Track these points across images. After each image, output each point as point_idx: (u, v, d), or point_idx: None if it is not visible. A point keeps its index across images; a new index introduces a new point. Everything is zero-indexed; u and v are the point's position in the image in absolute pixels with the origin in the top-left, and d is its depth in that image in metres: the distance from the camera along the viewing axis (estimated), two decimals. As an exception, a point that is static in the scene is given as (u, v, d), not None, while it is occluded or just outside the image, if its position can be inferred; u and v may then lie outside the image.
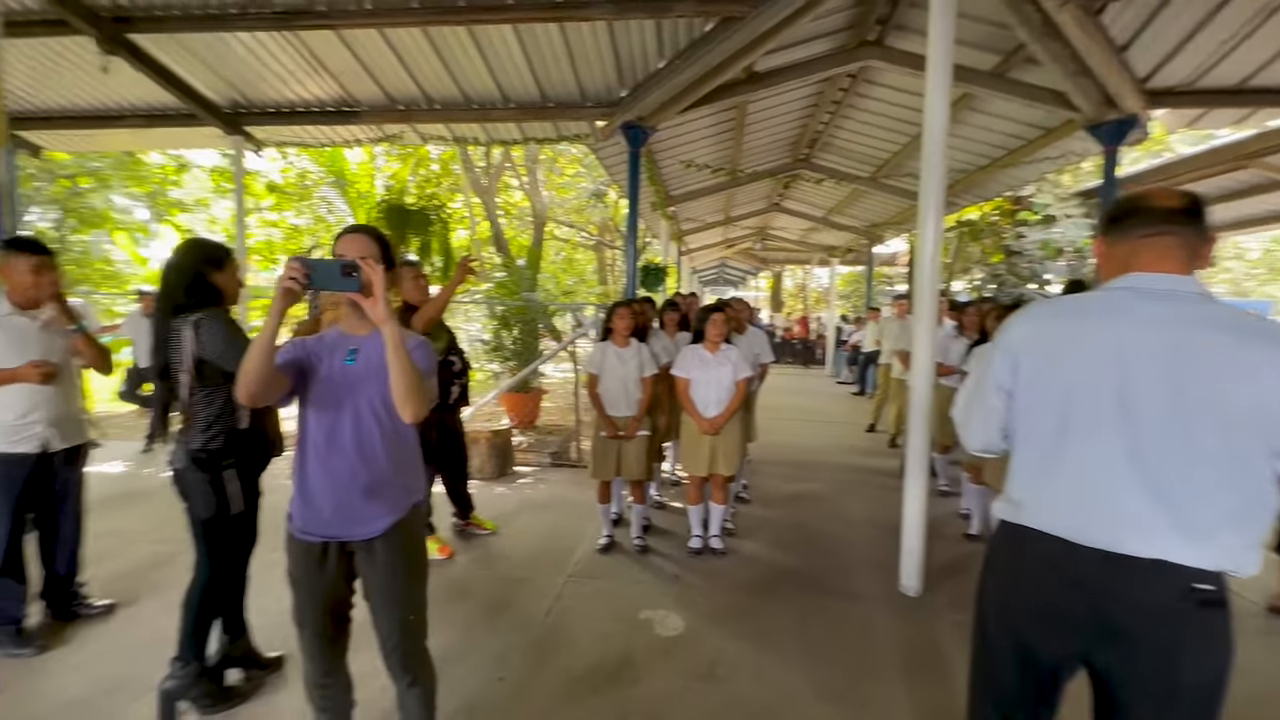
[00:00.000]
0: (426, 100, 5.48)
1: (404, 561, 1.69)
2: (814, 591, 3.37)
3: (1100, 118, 4.72)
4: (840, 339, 15.31)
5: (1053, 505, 1.21)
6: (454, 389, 3.72)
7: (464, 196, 10.68)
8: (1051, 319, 1.26)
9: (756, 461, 6.07)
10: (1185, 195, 1.20)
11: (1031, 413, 1.25)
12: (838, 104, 6.76)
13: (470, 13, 4.20)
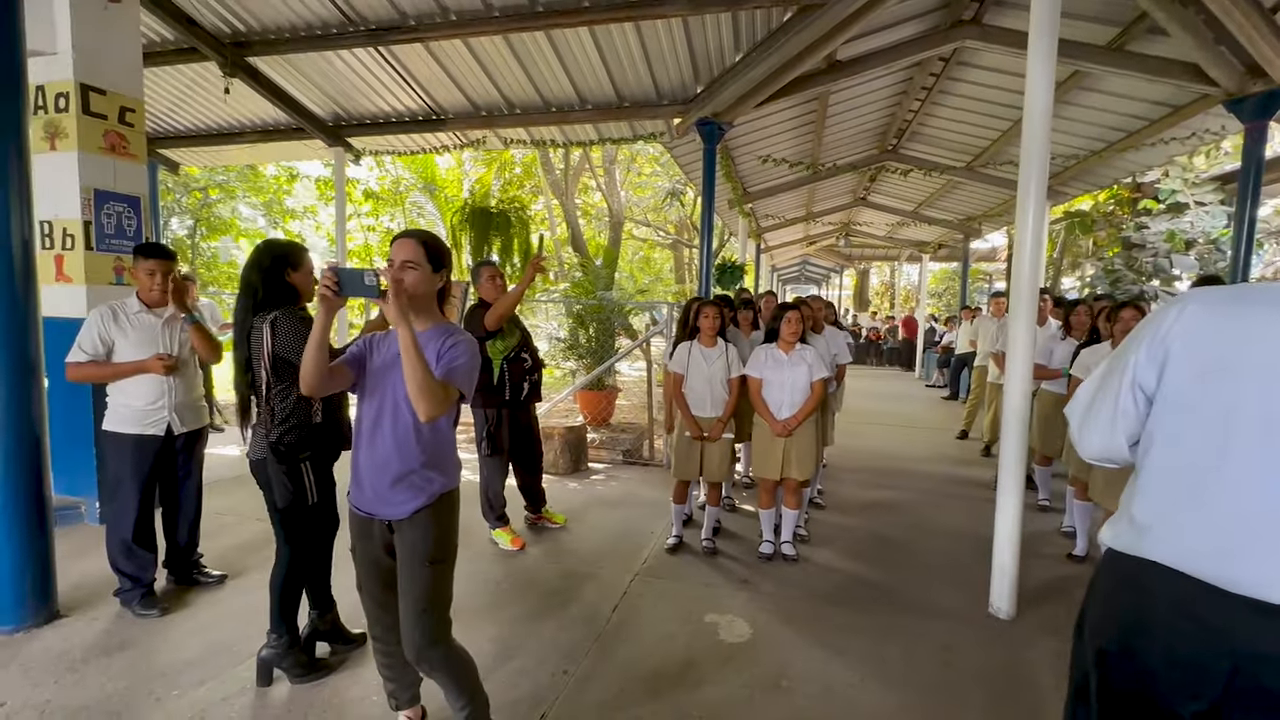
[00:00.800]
0: (507, 105, 5.66)
1: (423, 547, 1.76)
2: (892, 606, 3.18)
3: (1243, 90, 4.16)
4: (932, 340, 14.47)
5: (1196, 539, 1.00)
6: (525, 385, 3.82)
7: (544, 198, 11.00)
8: (1229, 305, 1.01)
9: (834, 467, 5.84)
10: None
11: (1180, 423, 1.03)
12: (929, 90, 6.36)
13: (547, 17, 4.29)
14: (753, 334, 4.66)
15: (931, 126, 7.47)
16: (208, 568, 3.22)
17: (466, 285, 5.80)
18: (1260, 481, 0.95)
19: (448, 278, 1.81)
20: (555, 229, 11.77)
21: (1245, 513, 0.96)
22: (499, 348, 3.74)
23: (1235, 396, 0.97)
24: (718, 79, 4.92)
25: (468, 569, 3.47)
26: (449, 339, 1.73)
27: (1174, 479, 1.04)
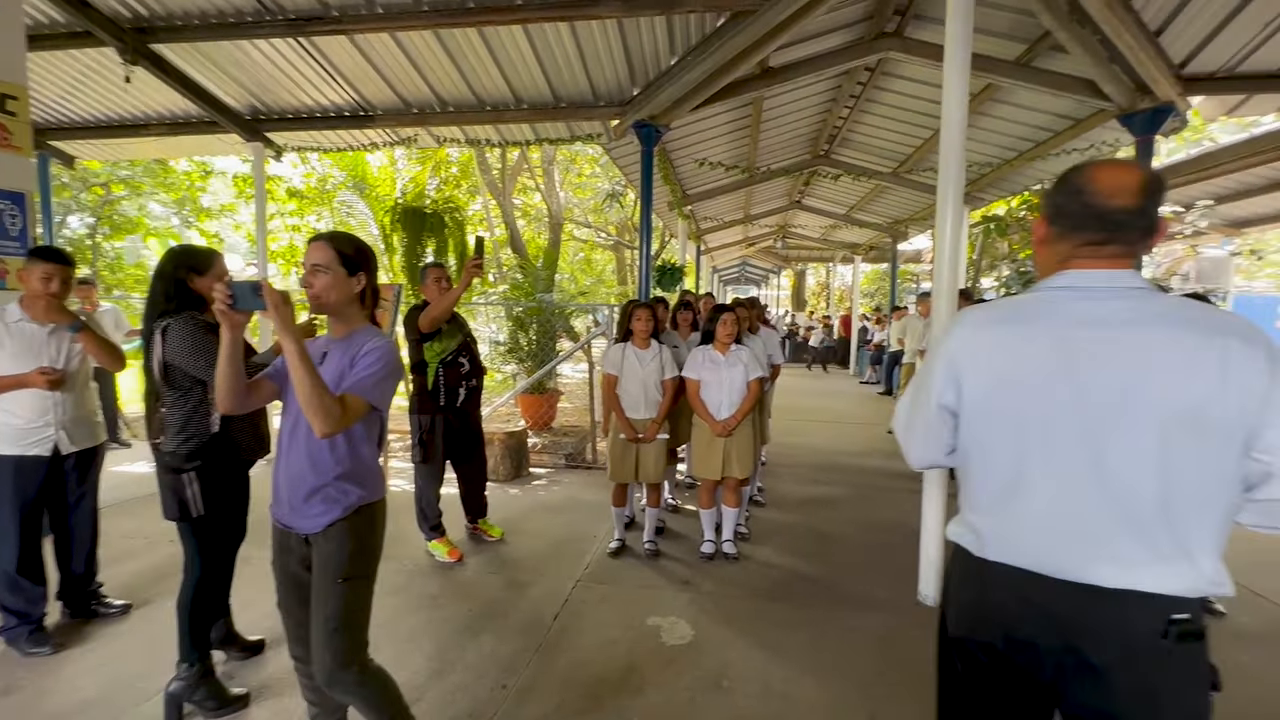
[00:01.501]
0: (440, 103, 5.49)
1: (336, 562, 1.68)
2: (829, 600, 3.27)
3: (1133, 106, 4.52)
4: (864, 338, 15.07)
5: (1016, 536, 1.10)
6: (461, 390, 3.71)
7: (482, 198, 10.75)
8: (992, 327, 1.12)
9: (773, 464, 5.97)
10: (1141, 185, 1.05)
11: (983, 434, 1.13)
12: (856, 98, 6.61)
13: (479, 14, 4.18)
14: (691, 335, 4.71)
15: (860, 133, 7.76)
16: (109, 598, 2.96)
17: (399, 288, 5.59)
18: (1056, 475, 1.05)
19: (369, 281, 1.73)
20: (493, 230, 11.53)
21: (1050, 507, 1.05)
22: (436, 350, 3.62)
23: (1020, 405, 1.07)
24: (654, 81, 4.94)
25: (401, 584, 3.34)
26: (365, 346, 1.65)
27: (990, 482, 1.13)
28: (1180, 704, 1.02)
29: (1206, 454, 0.97)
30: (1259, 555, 3.58)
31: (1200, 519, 0.99)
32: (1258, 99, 4.74)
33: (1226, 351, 0.96)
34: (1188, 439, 0.97)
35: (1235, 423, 0.96)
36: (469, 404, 3.77)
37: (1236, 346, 0.96)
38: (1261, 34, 3.98)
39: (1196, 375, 0.97)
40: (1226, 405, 0.95)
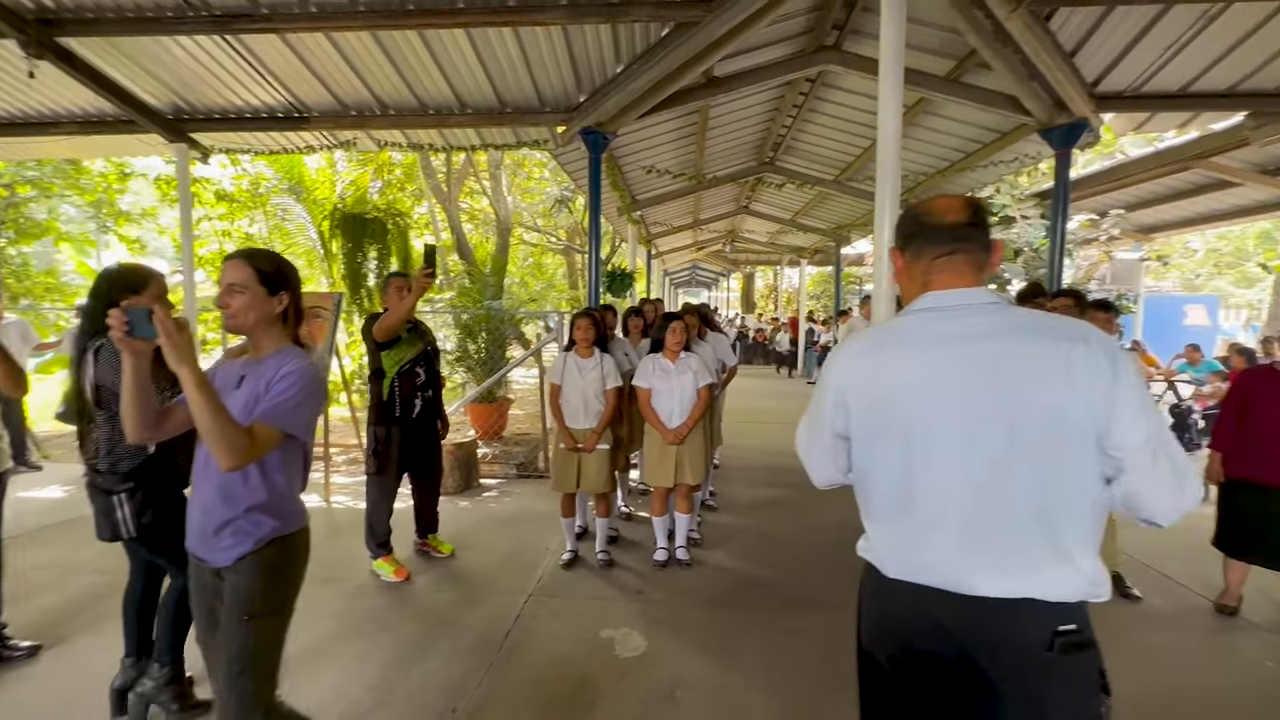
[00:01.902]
0: (380, 106, 5.33)
1: (244, 597, 1.59)
2: (780, 603, 3.33)
3: (1051, 121, 4.80)
4: (811, 340, 15.47)
5: (910, 552, 1.14)
6: (417, 401, 3.60)
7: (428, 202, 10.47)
8: (868, 354, 1.21)
9: (726, 468, 6.05)
10: (968, 206, 1.17)
11: (871, 455, 1.19)
12: (799, 108, 6.79)
13: (419, 15, 4.08)
14: (642, 341, 4.72)
15: (803, 141, 7.98)
16: (13, 639, 2.73)
17: (339, 297, 5.39)
18: (936, 493, 1.10)
19: (291, 300, 1.65)
20: (439, 235, 11.25)
21: (935, 522, 1.10)
22: (393, 359, 3.52)
23: (900, 426, 1.13)
24: (600, 89, 4.93)
25: (344, 606, 3.21)
26: (281, 370, 1.56)
27: (883, 500, 1.18)
28: (1069, 714, 1.06)
29: (1069, 456, 1.03)
30: (1171, 541, 3.85)
31: (1073, 521, 1.04)
32: (1160, 116, 5.13)
33: (1071, 357, 1.03)
34: (1050, 444, 1.03)
35: (1087, 423, 1.02)
36: (426, 415, 3.67)
37: (1080, 351, 1.03)
38: (1161, 58, 4.31)
39: (1048, 382, 1.03)
40: (1077, 407, 1.02)
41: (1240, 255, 20.58)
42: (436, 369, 3.75)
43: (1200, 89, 4.68)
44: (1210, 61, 4.34)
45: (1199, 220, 9.56)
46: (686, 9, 3.97)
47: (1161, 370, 8.14)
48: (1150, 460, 1.02)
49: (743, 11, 3.84)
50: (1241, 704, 2.51)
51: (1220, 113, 5.08)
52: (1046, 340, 1.06)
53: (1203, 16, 3.86)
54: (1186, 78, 4.56)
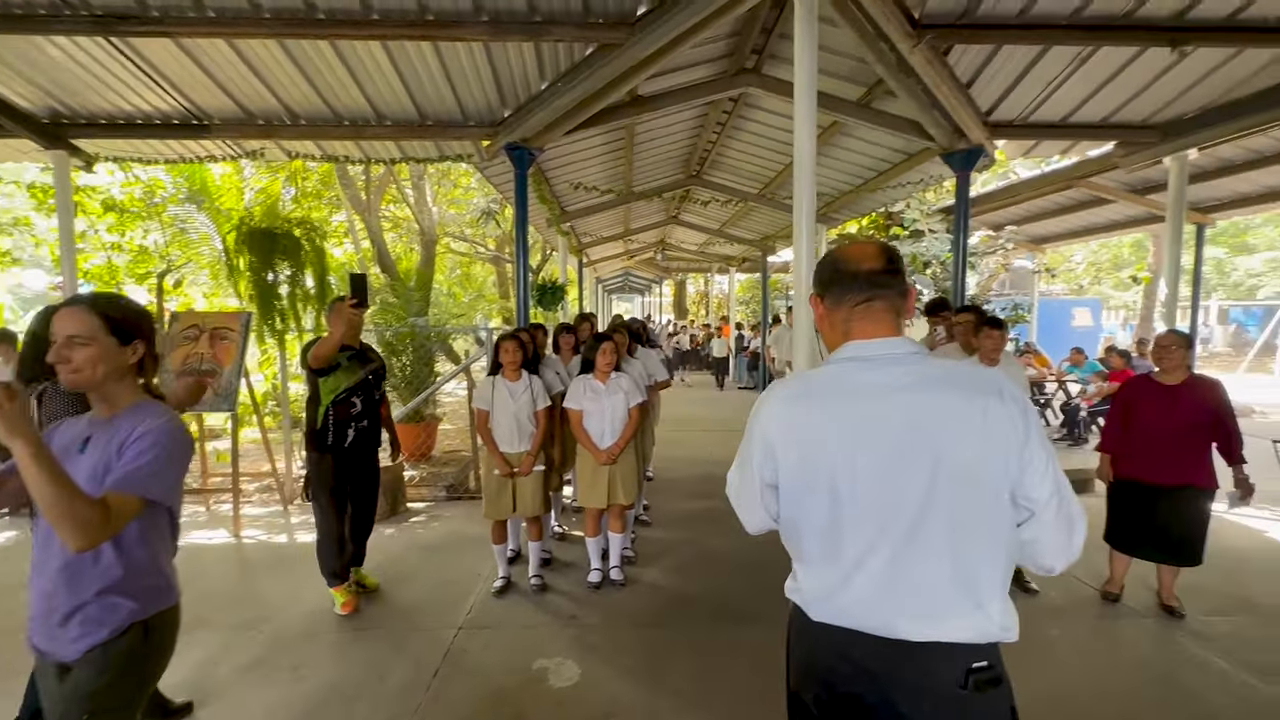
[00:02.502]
0: (290, 115, 5.05)
1: (85, 691, 1.38)
2: (712, 619, 3.38)
3: (952, 146, 5.16)
4: (741, 345, 15.88)
5: (835, 596, 1.17)
6: (350, 431, 3.43)
7: (346, 213, 9.97)
8: (795, 403, 1.22)
9: (659, 479, 6.11)
10: (883, 253, 1.22)
11: (799, 503, 1.21)
12: (723, 125, 6.96)
13: (331, 25, 3.90)
14: (573, 359, 4.70)
15: (728, 156, 8.18)
16: None
17: (248, 317, 5.07)
18: (860, 541, 1.14)
19: (147, 349, 1.48)
20: (359, 246, 10.75)
21: (859, 568, 1.14)
22: (329, 386, 3.37)
23: (827, 476, 1.16)
24: (524, 105, 4.88)
25: (258, 654, 3.01)
26: (136, 430, 1.39)
27: (810, 547, 1.21)
28: None
29: (984, 507, 1.10)
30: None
31: (986, 569, 1.11)
32: (1045, 143, 5.62)
33: (986, 412, 1.10)
34: (967, 495, 1.09)
35: (1001, 476, 1.10)
36: (361, 445, 3.50)
37: (994, 406, 1.10)
38: (1044, 92, 4.73)
39: (965, 435, 1.10)
40: (992, 460, 1.09)
41: (1117, 262, 22.82)
42: (377, 397, 3.58)
43: (1078, 120, 5.16)
44: (1085, 97, 4.80)
45: (1082, 232, 10.54)
46: (610, 30, 3.99)
47: (1053, 371, 8.88)
48: (1055, 511, 1.11)
49: (665, 36, 3.90)
50: (1124, 688, 2.77)
51: (1095, 141, 5.61)
52: (963, 395, 1.11)
53: (1076, 58, 4.26)
54: (1066, 110, 5.02)
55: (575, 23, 3.97)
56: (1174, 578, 3.41)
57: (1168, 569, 3.39)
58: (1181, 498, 3.19)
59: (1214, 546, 3.36)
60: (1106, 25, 3.92)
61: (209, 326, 4.95)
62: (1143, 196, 7.84)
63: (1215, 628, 3.25)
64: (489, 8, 3.85)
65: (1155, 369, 3.35)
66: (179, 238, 7.84)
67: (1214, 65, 4.37)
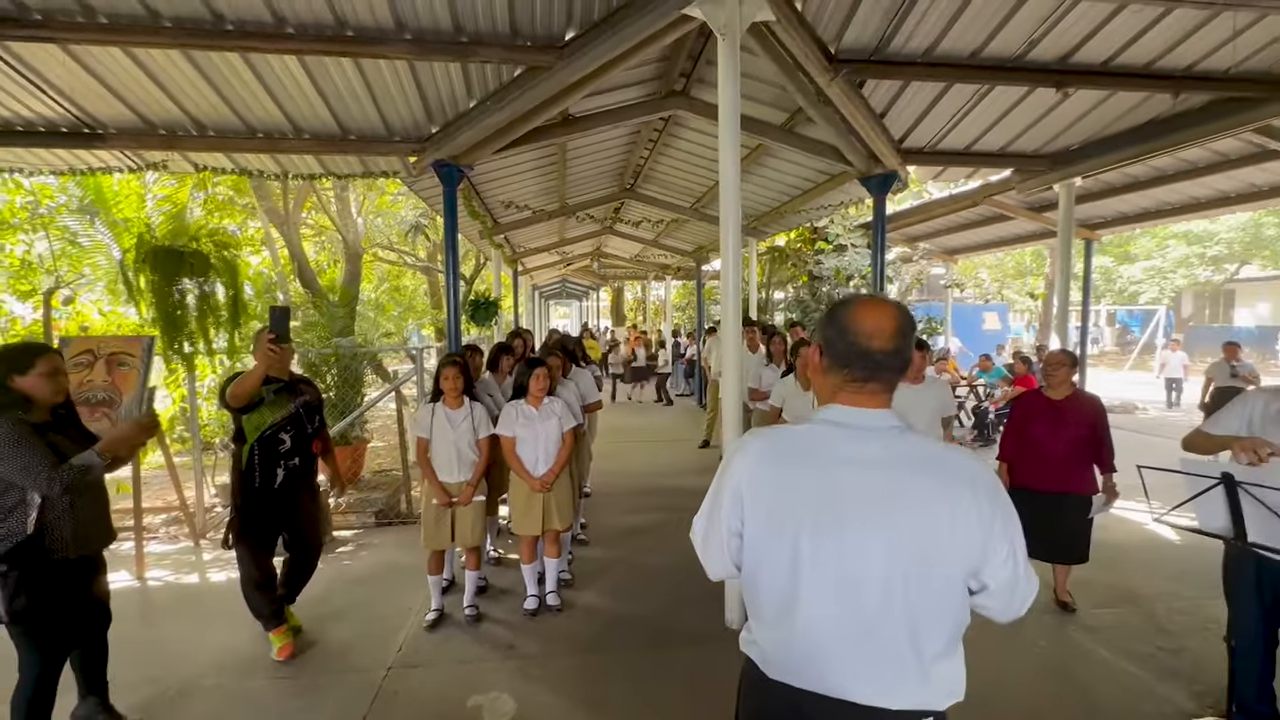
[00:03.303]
0: (196, 126, 4.75)
1: None
2: (648, 640, 3.42)
3: (869, 171, 5.46)
4: (678, 353, 16.08)
5: (790, 653, 1.20)
6: (279, 471, 3.20)
7: (263, 223, 9.39)
8: (771, 461, 1.23)
9: (597, 494, 6.11)
10: (897, 332, 1.19)
11: (762, 558, 1.22)
12: (654, 142, 7.07)
13: (240, 38, 3.70)
14: (505, 380, 4.65)
15: (661, 171, 8.30)
16: None
17: (150, 341, 4.73)
18: (819, 604, 1.16)
19: None
20: (277, 257, 10.17)
21: (817, 630, 1.17)
22: (253, 424, 3.13)
23: (792, 536, 1.17)
24: (452, 122, 4.79)
25: (162, 713, 2.80)
26: None
27: (769, 602, 1.23)
28: None
29: (943, 586, 1.15)
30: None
31: (940, 642, 1.16)
32: (952, 169, 6.03)
33: (957, 501, 1.14)
34: (928, 574, 1.14)
35: (963, 559, 1.15)
36: (292, 484, 3.26)
37: (965, 495, 1.13)
38: (948, 124, 5.08)
39: (932, 521, 1.13)
40: (955, 547, 1.14)
41: (1021, 269, 24.67)
42: (310, 431, 3.36)
43: (979, 149, 5.58)
44: (985, 129, 5.19)
45: (988, 244, 11.37)
46: (538, 54, 3.99)
47: (965, 377, 9.51)
48: (1010, 590, 1.17)
49: (594, 61, 3.93)
50: (1022, 682, 3.01)
51: (994, 168, 6.07)
52: (937, 481, 1.14)
53: (976, 94, 4.61)
54: (969, 140, 5.42)
55: (503, 45, 3.94)
56: (1066, 575, 3.73)
57: (1060, 568, 3.71)
58: (1067, 503, 3.51)
59: (1102, 541, 3.71)
60: (1000, 66, 4.27)
61: (105, 352, 4.57)
62: (1040, 214, 8.53)
63: (1102, 619, 3.59)
64: (412, 26, 3.77)
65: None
66: (71, 248, 7.18)
67: (1093, 104, 4.82)
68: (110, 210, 6.88)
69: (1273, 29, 3.81)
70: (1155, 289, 22.80)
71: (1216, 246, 21.45)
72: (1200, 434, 2.50)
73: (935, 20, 3.85)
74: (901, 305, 1.27)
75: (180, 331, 4.81)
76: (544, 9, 3.72)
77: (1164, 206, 7.90)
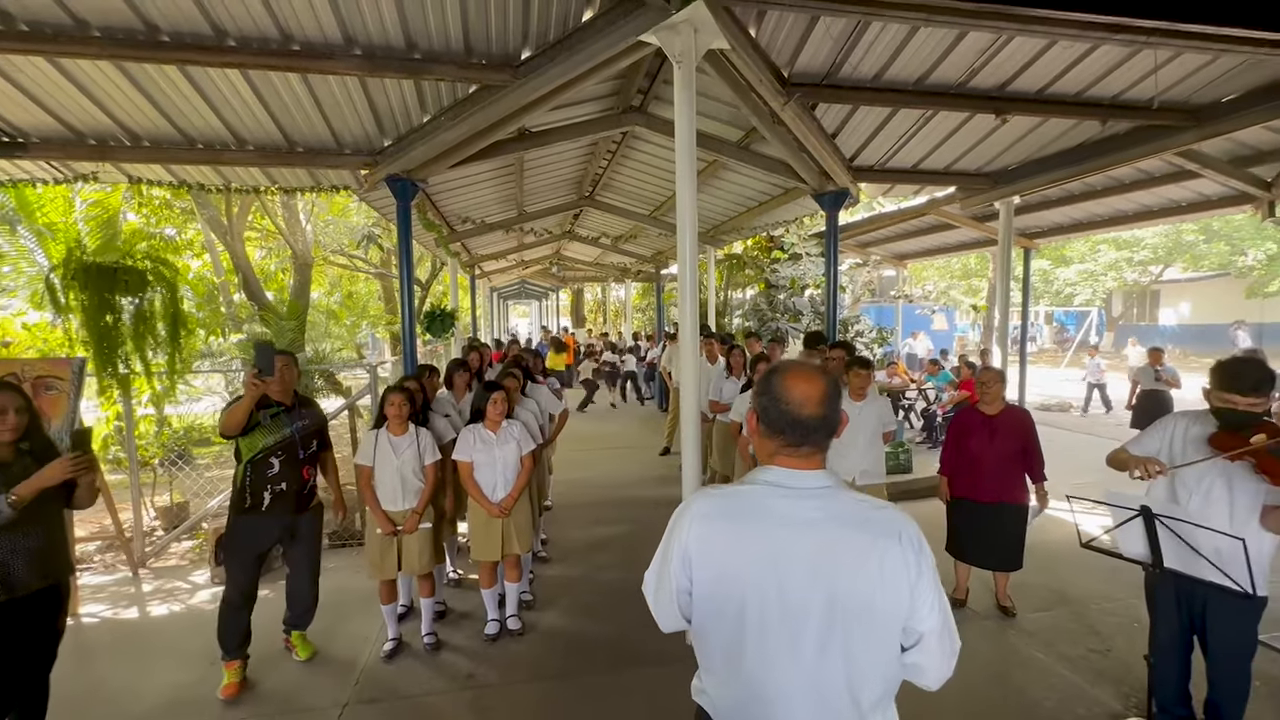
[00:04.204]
0: (130, 136, 4.52)
1: None
2: (610, 663, 3.43)
3: (822, 188, 5.60)
4: (639, 356, 16.10)
5: (737, 705, 1.27)
6: (267, 494, 3.24)
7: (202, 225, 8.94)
8: (715, 522, 1.30)
9: (558, 507, 6.09)
10: (825, 397, 1.27)
11: (711, 615, 1.29)
12: (613, 153, 7.08)
13: (178, 50, 3.54)
14: (466, 395, 4.58)
15: (620, 179, 8.32)
16: None
17: (81, 362, 4.49)
18: (763, 658, 1.23)
19: None
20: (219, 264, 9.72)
21: (762, 683, 1.24)
22: (247, 445, 3.21)
23: (738, 595, 1.25)
24: (405, 136, 4.70)
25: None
26: None
27: (718, 655, 1.30)
28: None
29: (877, 638, 1.22)
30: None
31: (876, 692, 1.24)
32: (900, 186, 6.25)
33: (885, 554, 1.21)
34: (862, 627, 1.21)
35: (894, 611, 1.22)
36: (280, 508, 3.28)
37: (893, 549, 1.21)
38: (896, 145, 5.27)
39: (864, 573, 1.21)
40: (886, 598, 1.21)
41: (967, 272, 25.71)
42: (302, 456, 3.36)
43: (925, 167, 5.80)
44: (930, 149, 5.40)
45: (936, 250, 11.81)
46: (493, 72, 3.94)
47: (915, 380, 9.85)
48: (938, 640, 1.24)
49: (549, 83, 3.92)
50: (964, 688, 3.15)
51: (939, 185, 6.32)
52: (867, 536, 1.22)
53: (920, 119, 4.80)
54: (915, 159, 5.62)
55: (457, 62, 3.89)
56: (1006, 581, 3.93)
57: (1000, 574, 3.90)
58: (1002, 513, 3.71)
59: (1040, 543, 3.90)
60: (944, 93, 4.44)
61: (29, 375, 4.31)
62: (983, 223, 8.91)
63: (1039, 623, 3.80)
64: (362, 42, 3.68)
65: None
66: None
67: (1030, 129, 5.08)
68: (33, 217, 6.46)
69: (1189, 65, 4.09)
70: (1089, 290, 24.11)
71: (1143, 251, 22.82)
72: (1123, 452, 2.68)
73: (883, 49, 3.99)
74: (828, 373, 1.36)
75: (114, 352, 4.56)
76: (499, 29, 3.69)
77: (1094, 218, 8.35)
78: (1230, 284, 22.57)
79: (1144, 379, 8.42)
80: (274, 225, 9.14)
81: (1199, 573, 2.19)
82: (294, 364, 3.46)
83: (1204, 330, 23.20)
